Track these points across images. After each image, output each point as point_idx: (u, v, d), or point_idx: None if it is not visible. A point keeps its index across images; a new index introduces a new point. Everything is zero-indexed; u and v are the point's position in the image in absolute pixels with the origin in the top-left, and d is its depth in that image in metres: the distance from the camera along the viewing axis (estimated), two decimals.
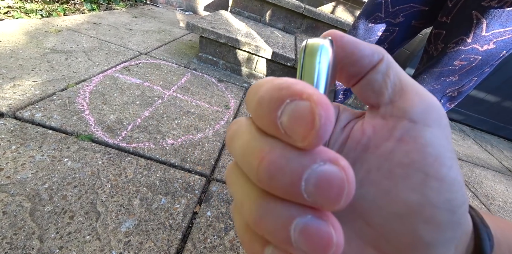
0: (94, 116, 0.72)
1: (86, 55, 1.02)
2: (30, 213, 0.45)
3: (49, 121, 0.65)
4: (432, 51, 0.58)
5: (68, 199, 0.50)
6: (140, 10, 1.91)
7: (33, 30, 1.08)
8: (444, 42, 0.54)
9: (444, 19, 0.54)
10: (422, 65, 0.62)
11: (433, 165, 0.10)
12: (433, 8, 0.58)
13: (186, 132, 0.80)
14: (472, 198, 1.02)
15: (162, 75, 1.07)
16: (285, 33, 1.69)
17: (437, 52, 0.56)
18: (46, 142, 0.60)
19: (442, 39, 0.54)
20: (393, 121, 0.11)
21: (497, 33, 0.47)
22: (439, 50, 0.55)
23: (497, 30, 0.46)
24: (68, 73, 0.87)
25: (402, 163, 0.10)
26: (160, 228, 0.51)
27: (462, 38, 0.50)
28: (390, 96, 0.11)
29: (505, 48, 0.48)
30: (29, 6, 1.25)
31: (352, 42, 0.11)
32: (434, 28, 0.57)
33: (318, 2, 2.16)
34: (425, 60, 0.62)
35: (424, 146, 0.10)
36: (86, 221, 0.48)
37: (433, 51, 0.58)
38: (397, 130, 0.11)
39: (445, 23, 0.54)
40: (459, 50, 0.51)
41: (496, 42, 0.48)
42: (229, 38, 1.18)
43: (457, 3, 0.50)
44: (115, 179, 0.58)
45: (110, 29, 1.35)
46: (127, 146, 0.67)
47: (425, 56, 0.62)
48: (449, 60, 0.53)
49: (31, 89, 0.73)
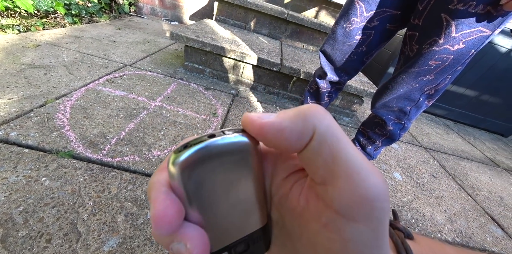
0: (75, 132, 0.70)
1: (67, 69, 1.00)
2: (2, 239, 0.42)
3: (25, 139, 0.62)
4: (408, 52, 0.60)
5: (45, 221, 0.47)
6: (124, 22, 1.90)
7: (9, 45, 1.05)
8: (419, 43, 0.56)
9: (416, 21, 0.56)
10: (400, 66, 0.64)
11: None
12: (405, 11, 0.60)
13: (173, 142, 0.78)
14: (459, 190, 1.04)
15: (148, 86, 1.06)
16: (270, 39, 1.72)
17: (412, 53, 0.58)
18: (22, 162, 0.57)
19: (416, 40, 0.56)
20: (322, 205, 0.10)
21: (465, 34, 0.49)
22: (415, 51, 0.57)
23: (465, 31, 0.49)
24: (47, 89, 0.84)
25: (323, 246, 0.10)
26: (146, 244, 0.49)
27: (435, 39, 0.52)
28: (323, 177, 0.10)
29: (473, 47, 0.50)
30: (5, 21, 1.22)
31: (273, 131, 0.10)
32: (408, 30, 0.59)
33: (301, 8, 2.22)
34: (402, 61, 0.64)
35: (345, 241, 0.09)
36: (65, 243, 0.45)
37: (408, 52, 0.60)
38: (323, 217, 0.10)
39: (417, 25, 0.56)
40: (432, 50, 0.53)
41: (465, 42, 0.50)
42: (214, 46, 1.18)
43: (426, 6, 0.52)
44: (98, 195, 0.55)
45: (92, 42, 1.33)
46: (110, 160, 0.65)
47: (402, 56, 0.64)
48: (425, 60, 0.55)
49: (6, 107, 0.70)
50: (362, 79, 1.43)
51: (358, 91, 1.25)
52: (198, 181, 0.10)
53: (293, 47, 1.73)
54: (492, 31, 0.48)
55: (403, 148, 1.25)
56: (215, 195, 0.11)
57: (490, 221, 0.91)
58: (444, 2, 0.49)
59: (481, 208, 0.97)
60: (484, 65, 1.67)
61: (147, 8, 2.27)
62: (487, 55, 1.62)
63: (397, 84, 0.63)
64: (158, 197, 0.10)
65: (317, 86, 0.83)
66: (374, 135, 0.79)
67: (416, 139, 1.44)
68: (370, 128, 0.79)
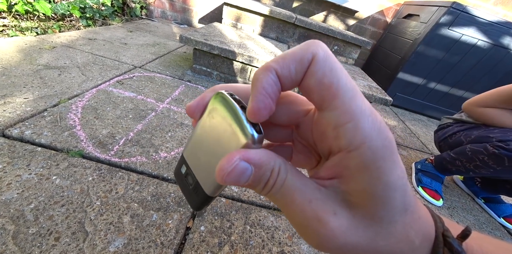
0: (85, 132, 0.72)
1: (80, 70, 1.03)
2: (13, 236, 0.43)
3: (38, 138, 0.64)
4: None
5: (54, 219, 0.48)
6: (135, 25, 1.95)
7: (27, 47, 1.09)
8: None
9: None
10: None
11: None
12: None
13: (180, 144, 0.79)
14: (471, 201, 1.00)
15: (156, 88, 1.08)
16: (278, 43, 1.72)
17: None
18: (35, 160, 0.58)
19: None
20: (326, 124, 0.13)
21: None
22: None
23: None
24: (60, 89, 0.87)
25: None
26: (151, 246, 0.49)
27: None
28: (323, 99, 0.12)
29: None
30: (24, 24, 1.28)
31: (279, 59, 0.12)
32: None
33: (309, 12, 2.23)
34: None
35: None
36: (73, 242, 0.46)
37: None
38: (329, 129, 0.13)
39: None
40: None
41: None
42: (222, 50, 1.20)
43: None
44: (105, 195, 0.56)
45: (105, 44, 1.37)
46: (118, 161, 0.66)
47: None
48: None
49: (22, 106, 0.73)
50: (371, 84, 1.41)
51: (366, 96, 1.23)
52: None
53: None
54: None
55: (412, 155, 1.23)
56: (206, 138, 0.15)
57: (506, 235, 0.87)
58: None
59: (490, 216, 0.93)
60: (500, 71, 1.63)
61: (158, 12, 2.32)
62: (503, 61, 1.58)
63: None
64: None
65: None
66: None
67: (426, 146, 1.41)
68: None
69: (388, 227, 0.11)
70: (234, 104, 0.12)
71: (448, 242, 0.12)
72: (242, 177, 0.11)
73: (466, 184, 1.06)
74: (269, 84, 0.11)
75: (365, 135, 0.10)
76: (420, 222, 0.12)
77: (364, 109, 0.11)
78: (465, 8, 1.45)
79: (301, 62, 0.11)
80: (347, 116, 0.11)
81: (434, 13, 1.56)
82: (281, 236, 0.60)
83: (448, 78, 1.73)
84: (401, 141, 1.36)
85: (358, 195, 0.11)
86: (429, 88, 1.80)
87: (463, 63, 1.63)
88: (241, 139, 0.12)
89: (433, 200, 0.89)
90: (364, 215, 0.11)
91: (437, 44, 1.59)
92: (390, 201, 0.11)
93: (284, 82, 0.12)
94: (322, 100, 0.11)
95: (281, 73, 0.11)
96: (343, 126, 0.11)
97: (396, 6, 2.12)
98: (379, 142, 0.10)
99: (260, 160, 0.11)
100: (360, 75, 1.57)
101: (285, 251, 0.56)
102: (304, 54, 0.11)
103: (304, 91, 0.12)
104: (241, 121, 0.12)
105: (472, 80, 1.70)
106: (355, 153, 0.11)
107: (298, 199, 0.12)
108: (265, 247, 0.56)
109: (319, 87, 0.11)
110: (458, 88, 1.77)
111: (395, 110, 1.90)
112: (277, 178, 0.12)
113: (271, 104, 0.12)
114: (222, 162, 0.11)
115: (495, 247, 0.14)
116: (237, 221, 0.60)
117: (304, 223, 0.12)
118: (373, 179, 0.11)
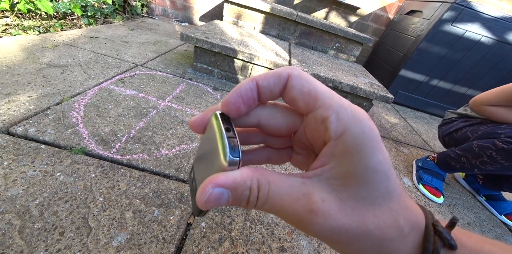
0: (88, 129, 0.73)
1: (82, 69, 1.04)
2: (19, 230, 0.45)
3: (42, 136, 0.65)
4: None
5: (59, 215, 0.49)
6: (136, 23, 1.95)
7: (30, 46, 1.10)
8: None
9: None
10: None
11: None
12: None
13: (181, 141, 0.80)
14: (473, 198, 1.00)
15: (157, 85, 1.08)
16: (279, 40, 1.72)
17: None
18: (39, 157, 0.60)
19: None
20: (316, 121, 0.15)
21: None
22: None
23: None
24: (63, 87, 0.88)
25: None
26: (153, 241, 0.50)
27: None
28: (307, 105, 0.14)
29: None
30: (27, 23, 1.29)
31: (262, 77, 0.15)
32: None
33: (311, 9, 2.21)
34: None
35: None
36: (77, 237, 0.47)
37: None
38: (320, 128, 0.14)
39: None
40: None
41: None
42: (223, 47, 1.20)
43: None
44: (108, 192, 0.57)
45: (106, 42, 1.38)
46: (120, 158, 0.67)
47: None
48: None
49: (26, 105, 0.74)
50: (372, 81, 1.40)
51: (367, 94, 1.23)
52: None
53: (301, 48, 1.73)
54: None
55: (413, 153, 1.22)
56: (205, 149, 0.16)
57: (507, 232, 0.87)
58: None
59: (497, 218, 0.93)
60: (504, 68, 1.60)
61: (159, 10, 2.32)
62: (507, 58, 1.56)
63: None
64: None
65: None
66: None
67: (428, 143, 1.40)
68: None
69: (374, 209, 0.12)
70: (221, 128, 0.14)
71: (438, 230, 0.13)
72: (220, 201, 0.12)
73: (468, 181, 1.06)
74: (245, 89, 0.14)
75: (345, 123, 0.12)
76: (408, 211, 0.13)
77: (343, 104, 0.13)
78: (469, 4, 1.43)
79: (279, 77, 0.14)
80: (329, 110, 0.13)
81: (437, 9, 1.54)
82: (281, 232, 0.60)
83: (451, 75, 1.71)
84: (403, 138, 1.36)
85: (342, 177, 0.12)
86: (432, 85, 1.78)
87: (467, 60, 1.61)
88: (222, 161, 0.13)
89: (434, 197, 0.90)
90: (349, 196, 0.12)
91: (440, 40, 1.57)
92: (371, 181, 0.12)
93: (263, 91, 0.14)
94: (307, 104, 0.14)
95: (261, 84, 0.14)
96: (328, 119, 0.13)
97: (398, 2, 2.10)
98: (358, 129, 0.12)
99: (234, 182, 0.12)
100: (361, 72, 1.56)
101: (285, 247, 0.57)
102: (282, 72, 0.14)
103: (290, 102, 0.15)
104: (224, 145, 0.13)
105: (475, 77, 1.68)
106: (339, 140, 0.12)
107: (287, 203, 0.13)
108: (265, 243, 0.57)
109: (301, 95, 0.14)
110: (461, 86, 1.75)
111: (397, 108, 1.89)
112: (258, 193, 0.13)
113: (240, 103, 0.14)
114: (199, 191, 0.12)
115: (483, 240, 0.14)
116: (237, 217, 0.61)
117: (298, 219, 0.13)
118: (355, 161, 0.12)
